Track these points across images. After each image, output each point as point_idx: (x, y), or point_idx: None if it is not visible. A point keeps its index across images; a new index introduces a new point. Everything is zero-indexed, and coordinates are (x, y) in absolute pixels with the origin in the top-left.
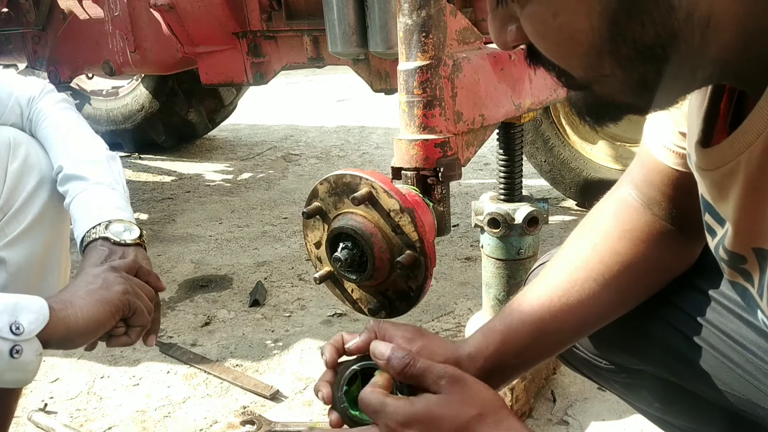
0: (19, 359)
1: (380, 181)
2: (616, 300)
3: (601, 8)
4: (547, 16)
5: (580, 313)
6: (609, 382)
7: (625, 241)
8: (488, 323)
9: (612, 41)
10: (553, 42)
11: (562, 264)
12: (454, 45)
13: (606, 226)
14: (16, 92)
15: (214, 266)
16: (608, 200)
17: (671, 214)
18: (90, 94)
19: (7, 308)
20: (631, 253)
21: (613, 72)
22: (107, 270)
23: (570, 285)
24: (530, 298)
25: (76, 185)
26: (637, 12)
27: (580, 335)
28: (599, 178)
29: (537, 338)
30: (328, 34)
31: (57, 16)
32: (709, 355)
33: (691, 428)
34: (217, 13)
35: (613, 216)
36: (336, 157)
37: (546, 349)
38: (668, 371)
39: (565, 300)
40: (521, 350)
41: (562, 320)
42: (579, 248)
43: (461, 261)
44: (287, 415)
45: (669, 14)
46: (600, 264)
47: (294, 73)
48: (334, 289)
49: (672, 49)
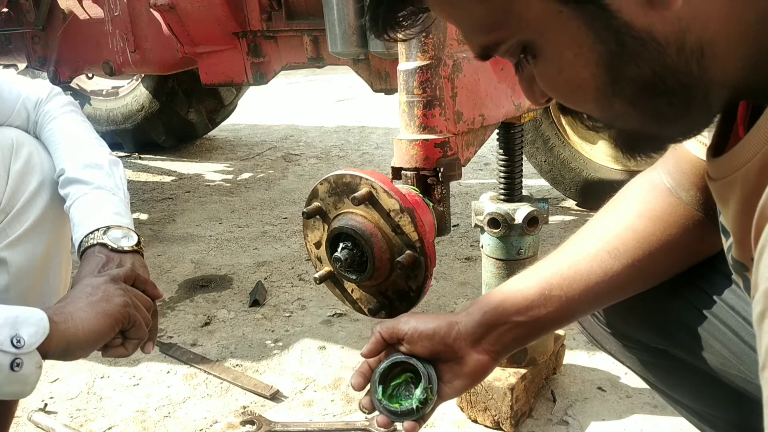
0: (19, 372)
1: (380, 181)
2: (629, 275)
3: (596, 57)
4: (554, 72)
5: (589, 281)
6: (627, 357)
7: (645, 220)
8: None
9: (615, 84)
10: (564, 93)
11: (579, 236)
12: (454, 45)
13: (629, 204)
14: (24, 95)
15: (214, 266)
16: (638, 180)
17: (699, 201)
18: (90, 94)
19: (8, 321)
20: (648, 231)
21: (626, 110)
22: (107, 281)
23: (583, 253)
24: (541, 263)
25: (77, 189)
26: (627, 55)
27: (592, 305)
28: (599, 178)
29: (543, 297)
30: (328, 34)
31: (57, 16)
32: (730, 339)
33: (705, 411)
34: (217, 13)
35: (639, 195)
36: (336, 157)
37: (554, 312)
38: (688, 352)
39: (575, 267)
40: (525, 307)
41: (569, 285)
42: (598, 222)
43: (461, 261)
44: (287, 415)
45: (659, 52)
46: (615, 238)
47: (294, 73)
48: (334, 289)
49: (674, 82)
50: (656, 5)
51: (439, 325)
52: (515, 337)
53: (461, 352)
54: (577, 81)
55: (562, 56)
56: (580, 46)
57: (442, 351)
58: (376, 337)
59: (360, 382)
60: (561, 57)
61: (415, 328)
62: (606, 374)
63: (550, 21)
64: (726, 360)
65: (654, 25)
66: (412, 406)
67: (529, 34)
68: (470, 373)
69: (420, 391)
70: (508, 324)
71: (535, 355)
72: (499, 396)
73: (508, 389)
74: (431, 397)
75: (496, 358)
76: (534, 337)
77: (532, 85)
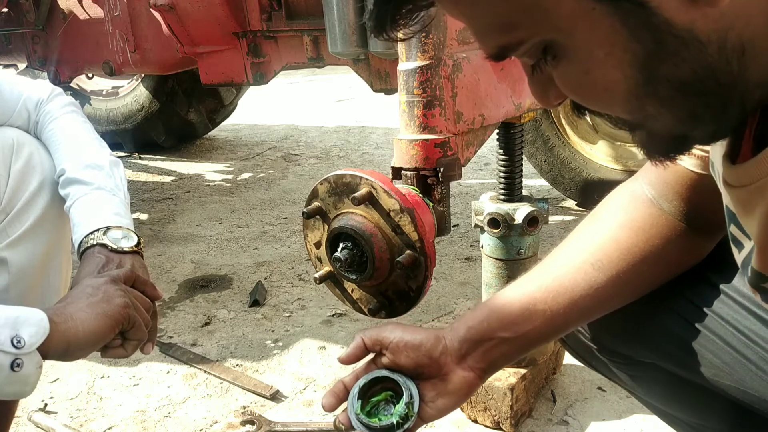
0: (19, 372)
1: (380, 181)
2: (613, 287)
3: (630, 57)
4: (579, 73)
5: (573, 294)
6: (614, 374)
7: (627, 231)
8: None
9: (648, 85)
10: (590, 96)
11: (563, 248)
12: (454, 45)
13: (611, 215)
14: (25, 95)
15: (214, 266)
16: (620, 191)
17: (683, 212)
18: (90, 94)
19: (8, 321)
20: (631, 243)
21: (658, 111)
22: (107, 282)
23: (567, 266)
24: (526, 276)
25: (77, 189)
26: (666, 55)
27: (578, 319)
28: (599, 178)
29: (528, 312)
30: (328, 34)
31: (57, 16)
32: (721, 350)
33: (698, 423)
34: (217, 13)
35: (621, 206)
36: (336, 157)
37: (539, 328)
38: (678, 364)
39: (559, 281)
40: (510, 322)
41: (554, 299)
42: (581, 234)
43: (461, 261)
44: (287, 415)
45: (700, 51)
46: (599, 250)
47: (294, 73)
48: (334, 289)
49: (712, 82)
50: (700, 2)
51: (426, 338)
52: (502, 354)
53: (446, 368)
54: (606, 83)
55: (592, 56)
56: (612, 45)
57: (426, 365)
58: (357, 343)
59: (332, 402)
60: (590, 57)
61: (401, 337)
62: None
63: (581, 18)
64: (718, 370)
65: (695, 22)
66: (392, 421)
67: (555, 32)
68: (455, 391)
69: (401, 407)
70: (493, 340)
71: (535, 355)
72: (499, 396)
73: (508, 389)
74: (412, 413)
75: (482, 376)
76: (521, 352)
77: (549, 88)
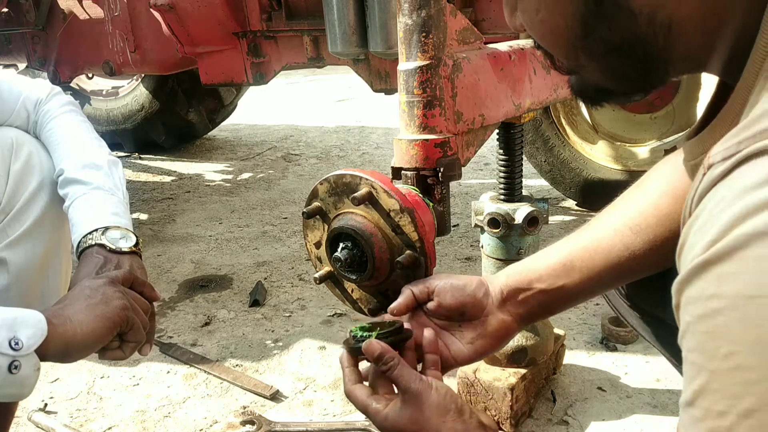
0: (17, 374)
1: (380, 181)
2: (650, 251)
3: (573, 10)
4: (532, 10)
5: (610, 255)
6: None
7: (668, 198)
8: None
9: (584, 39)
10: (538, 33)
11: (605, 213)
12: (454, 45)
13: (654, 183)
14: (24, 95)
15: (214, 266)
16: (665, 162)
17: None
18: (90, 94)
19: (6, 323)
20: (671, 209)
21: (590, 64)
22: (106, 283)
23: (606, 229)
24: (568, 237)
25: (76, 189)
26: (603, 17)
27: (613, 280)
28: (599, 178)
29: (565, 268)
30: (328, 34)
31: (57, 16)
32: None
33: None
34: (217, 13)
35: (664, 175)
36: (336, 157)
37: (575, 283)
38: None
39: (598, 241)
40: (548, 275)
41: (591, 257)
42: (624, 200)
43: (461, 261)
44: (287, 415)
45: (631, 20)
46: (639, 215)
47: (294, 73)
48: (334, 289)
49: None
50: None
51: (471, 281)
52: (539, 303)
53: (487, 309)
54: (551, 25)
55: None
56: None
57: (470, 304)
58: (407, 294)
59: (401, 308)
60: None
61: (447, 281)
62: (606, 374)
63: None
64: None
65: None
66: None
67: None
68: (493, 333)
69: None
70: (532, 290)
71: (535, 355)
72: (499, 396)
73: (508, 389)
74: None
75: (520, 322)
76: (559, 307)
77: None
